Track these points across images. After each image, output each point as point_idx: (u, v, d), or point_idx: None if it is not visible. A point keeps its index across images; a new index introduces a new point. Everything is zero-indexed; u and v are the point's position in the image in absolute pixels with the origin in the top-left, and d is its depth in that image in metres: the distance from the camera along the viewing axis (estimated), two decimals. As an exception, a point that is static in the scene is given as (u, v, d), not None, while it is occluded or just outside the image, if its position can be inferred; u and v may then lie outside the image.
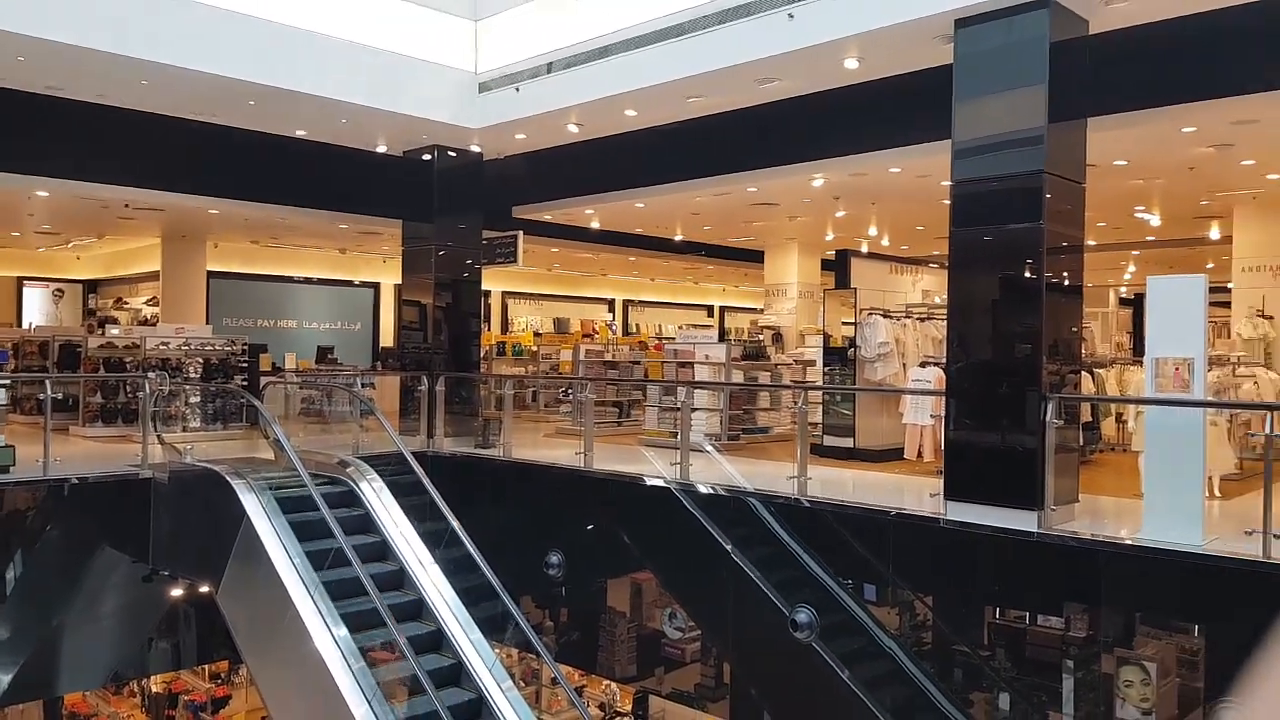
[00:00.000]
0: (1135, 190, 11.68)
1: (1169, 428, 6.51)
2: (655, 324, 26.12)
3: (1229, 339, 12.26)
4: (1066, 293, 7.24)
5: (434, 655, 7.35)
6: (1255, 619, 5.98)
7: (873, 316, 10.87)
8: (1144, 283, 6.91)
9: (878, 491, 8.82)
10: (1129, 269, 20.17)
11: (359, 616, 7.16)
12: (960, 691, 7.34)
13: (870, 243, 16.49)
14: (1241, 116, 8.12)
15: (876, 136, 9.22)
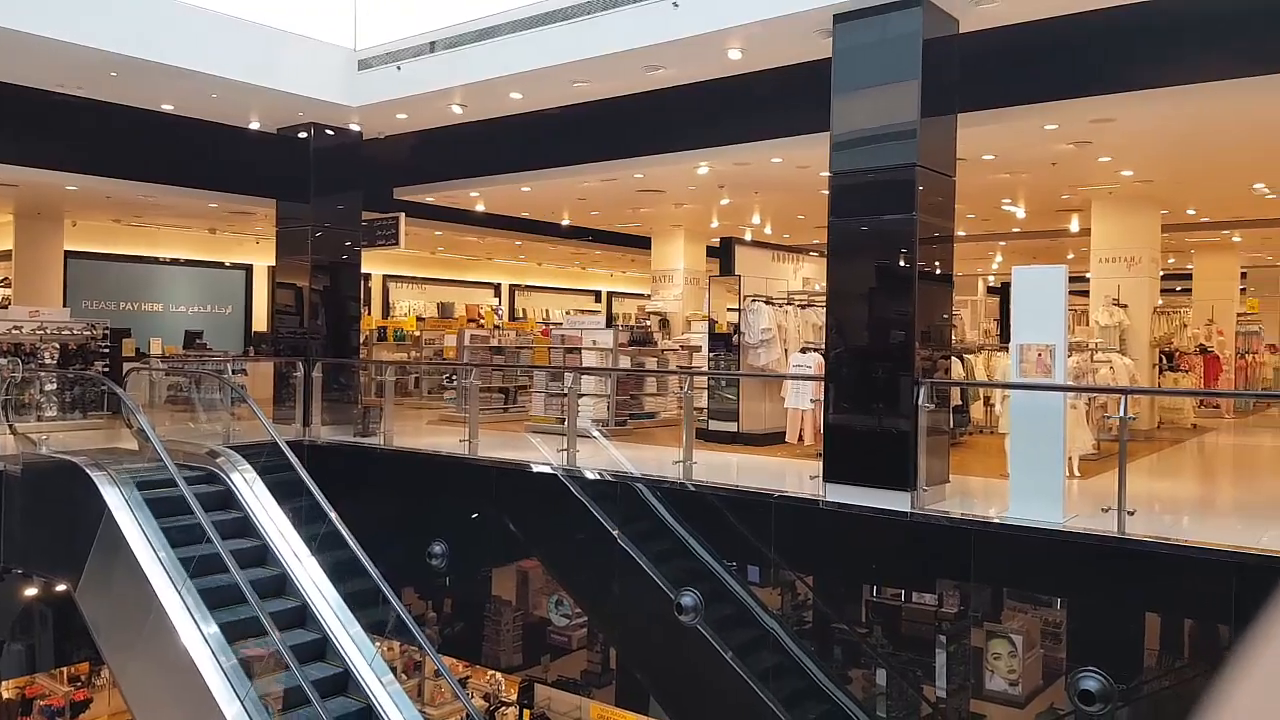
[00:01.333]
0: (1002, 184, 12.22)
1: (1032, 411, 6.84)
2: (543, 309, 25.93)
3: (1088, 326, 12.98)
4: (938, 281, 7.51)
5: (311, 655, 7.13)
6: (1111, 591, 6.38)
7: (756, 303, 11.05)
8: (1010, 272, 7.23)
9: (761, 475, 9.00)
10: (996, 259, 21.15)
11: (223, 601, 6.89)
12: (840, 668, 7.58)
13: (754, 231, 16.76)
14: (1099, 115, 8.56)
15: (759, 127, 9.36)
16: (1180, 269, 19.35)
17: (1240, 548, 6.07)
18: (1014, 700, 6.99)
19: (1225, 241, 17.17)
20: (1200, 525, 7.55)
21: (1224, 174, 11.45)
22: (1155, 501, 7.98)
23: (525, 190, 13.26)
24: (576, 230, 17.95)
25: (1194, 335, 14.82)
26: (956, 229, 8.39)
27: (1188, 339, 14.42)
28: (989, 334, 14.23)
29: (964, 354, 11.37)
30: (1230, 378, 15.67)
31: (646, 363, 13.08)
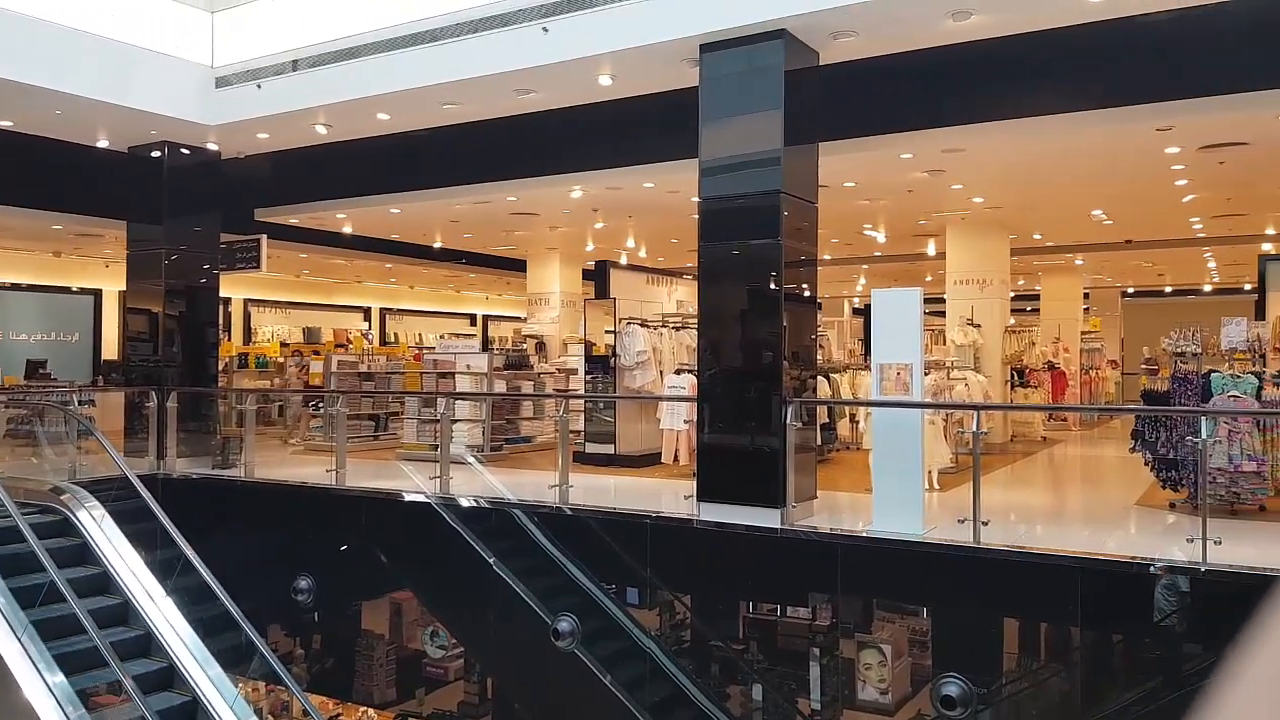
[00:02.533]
0: (863, 210, 12.73)
1: (893, 427, 7.12)
2: (415, 333, 25.41)
3: (944, 345, 13.61)
4: (804, 303, 7.74)
5: (167, 693, 6.73)
6: (969, 598, 6.67)
7: (631, 326, 11.13)
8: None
9: (637, 496, 9.04)
10: (860, 281, 22.00)
11: (76, 657, 6.43)
12: (718, 686, 7.65)
13: (629, 254, 16.92)
14: (950, 146, 9.04)
15: (630, 152, 9.48)
16: (1029, 290, 20.57)
17: (1086, 553, 6.46)
18: (884, 709, 7.20)
19: (1069, 264, 18.35)
20: (1050, 533, 8.00)
21: (1065, 201, 12.26)
22: (1009, 511, 8.40)
23: (395, 212, 13.00)
24: (449, 253, 17.71)
25: (1042, 353, 15.75)
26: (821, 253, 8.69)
27: (1037, 356, 15.31)
28: (854, 354, 14.73)
29: (830, 373, 11.73)
30: (1076, 392, 16.72)
31: (523, 386, 12.97)
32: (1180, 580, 5.75)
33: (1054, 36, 7.23)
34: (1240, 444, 7.47)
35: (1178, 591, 5.77)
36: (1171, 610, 5.82)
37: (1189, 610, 5.86)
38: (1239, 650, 0.72)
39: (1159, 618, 5.83)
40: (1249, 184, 10.86)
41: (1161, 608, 5.81)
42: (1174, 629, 5.96)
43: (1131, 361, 20.60)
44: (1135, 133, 8.47)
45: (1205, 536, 5.83)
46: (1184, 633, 5.97)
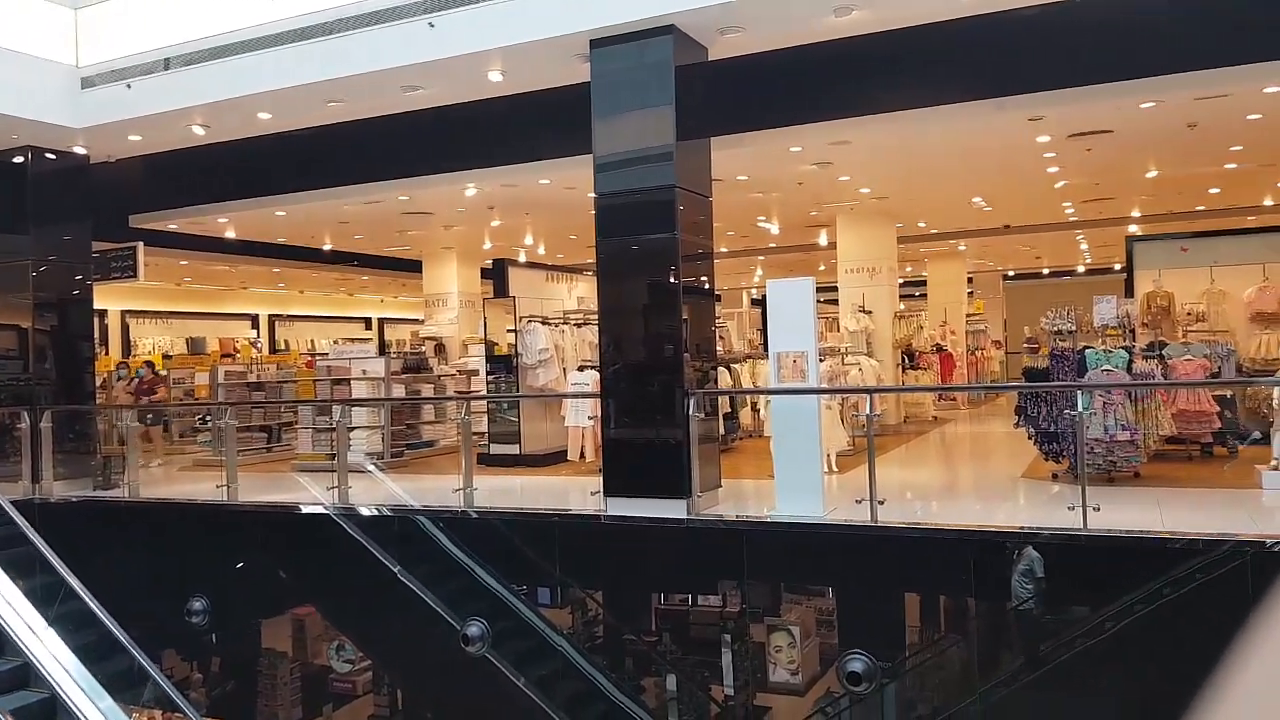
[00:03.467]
0: (756, 202, 12.94)
1: (792, 414, 7.28)
2: (307, 339, 24.67)
3: (839, 332, 13.97)
4: (702, 296, 7.83)
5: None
6: (870, 576, 6.87)
7: (532, 324, 11.06)
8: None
9: (544, 495, 8.99)
10: (757, 273, 22.36)
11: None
12: (633, 679, 7.69)
13: (528, 251, 16.79)
14: (836, 138, 9.25)
15: (524, 149, 9.39)
16: (916, 276, 21.26)
17: (977, 526, 6.74)
18: (795, 689, 7.36)
19: (953, 250, 19.06)
20: (943, 508, 8.31)
21: (947, 190, 12.72)
22: (905, 490, 8.70)
23: (280, 214, 12.59)
24: (340, 255, 17.24)
25: (930, 336, 16.32)
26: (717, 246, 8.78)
27: (925, 340, 15.85)
28: (754, 344, 14.98)
29: (731, 364, 11.91)
30: (963, 372, 17.40)
31: (423, 390, 12.74)
32: (1035, 561, 6.06)
33: (931, 31, 7.48)
34: (1114, 415, 7.91)
35: (1033, 575, 6.08)
36: (1028, 596, 6.13)
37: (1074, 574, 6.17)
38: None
39: (1016, 603, 6.12)
40: (1115, 169, 11.47)
41: (1019, 594, 6.12)
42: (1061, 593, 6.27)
43: (1014, 341, 21.56)
44: (1009, 123, 8.84)
45: (1085, 504, 6.14)
46: (1070, 596, 6.28)
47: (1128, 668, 5.91)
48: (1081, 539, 6.06)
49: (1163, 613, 5.70)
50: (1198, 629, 5.68)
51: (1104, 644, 5.89)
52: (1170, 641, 5.74)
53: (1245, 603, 5.46)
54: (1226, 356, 9.40)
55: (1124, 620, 5.83)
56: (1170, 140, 9.84)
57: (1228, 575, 5.51)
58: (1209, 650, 5.71)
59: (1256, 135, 9.67)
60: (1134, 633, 5.77)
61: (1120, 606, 5.87)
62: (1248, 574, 5.48)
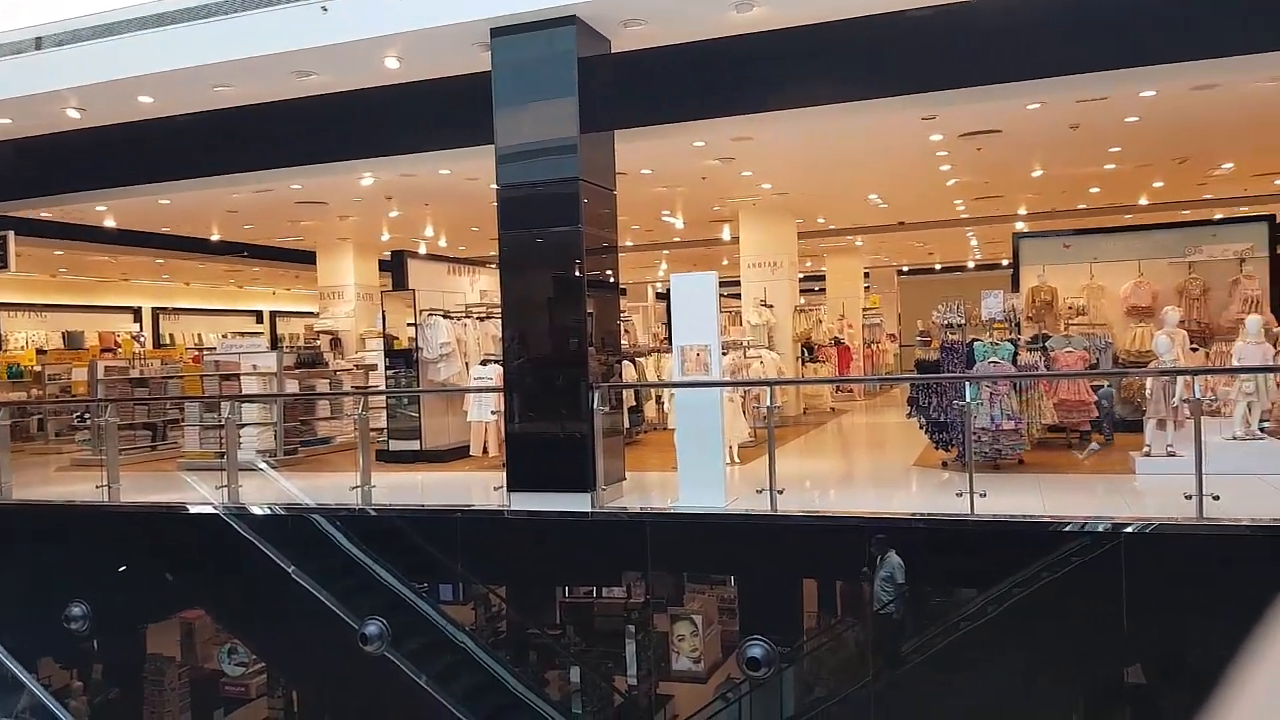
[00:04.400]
0: (661, 196, 13.02)
1: (695, 406, 7.34)
2: (193, 333, 23.72)
3: (741, 325, 14.17)
4: (607, 289, 7.82)
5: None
6: (770, 564, 6.99)
7: (433, 317, 10.87)
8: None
9: (446, 491, 8.86)
10: (662, 267, 22.51)
11: None
12: (536, 673, 7.65)
13: (428, 243, 16.50)
14: (739, 134, 9.38)
15: (423, 138, 9.21)
16: (816, 271, 21.74)
17: (872, 513, 6.93)
18: (697, 677, 7.45)
19: (850, 246, 19.56)
20: (840, 496, 8.53)
21: (845, 186, 13.03)
22: (804, 479, 8.88)
23: (164, 203, 12.05)
24: (229, 245, 16.62)
25: (829, 329, 16.69)
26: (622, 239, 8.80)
27: (824, 333, 16.20)
28: (658, 337, 15.08)
29: (636, 357, 11.95)
30: (860, 365, 17.88)
31: (317, 385, 12.39)
32: (897, 568, 6.30)
33: (829, 29, 7.63)
34: (1000, 405, 8.24)
35: (894, 581, 6.33)
36: (890, 599, 6.37)
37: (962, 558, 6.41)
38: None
39: (879, 607, 6.36)
40: (1003, 168, 11.95)
41: (882, 598, 6.35)
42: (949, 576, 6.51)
43: (908, 334, 22.28)
44: (904, 121, 9.11)
45: (972, 490, 6.38)
46: (959, 579, 6.52)
47: (1013, 646, 6.18)
48: (969, 524, 6.30)
49: (1045, 593, 5.97)
50: (1077, 608, 5.98)
51: (991, 624, 6.14)
52: (1052, 620, 6.02)
53: (1119, 582, 5.77)
54: (1104, 349, 9.89)
55: (1009, 601, 6.08)
56: (1054, 141, 10.30)
57: (1104, 556, 5.80)
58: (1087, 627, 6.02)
59: (1134, 137, 10.21)
60: (1018, 612, 6.03)
61: (1006, 588, 6.12)
62: (1121, 555, 5.78)
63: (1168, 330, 8.58)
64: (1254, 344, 8.28)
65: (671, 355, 7.70)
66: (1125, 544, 5.78)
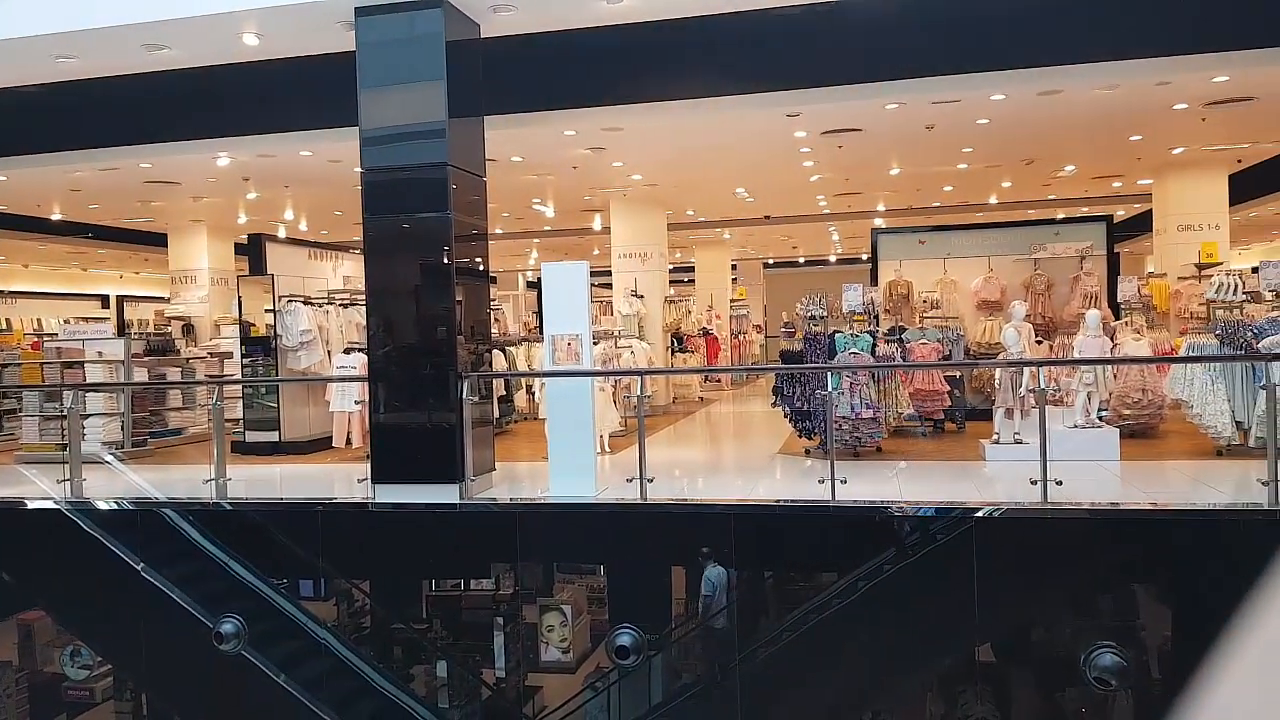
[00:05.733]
0: (531, 184, 12.92)
1: (566, 396, 7.34)
2: (33, 319, 22.15)
3: (612, 315, 14.23)
4: (476, 277, 7.71)
5: None
6: (640, 552, 7.07)
7: (293, 304, 10.48)
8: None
9: (307, 484, 8.59)
10: (533, 255, 22.35)
11: None
12: (401, 668, 7.51)
13: (288, 227, 15.88)
14: (610, 124, 9.39)
15: (284, 118, 8.85)
16: (685, 262, 22.05)
17: (738, 501, 7.11)
18: (566, 667, 7.48)
19: (718, 238, 19.92)
20: (708, 484, 8.70)
21: (713, 180, 13.24)
22: (673, 467, 9.02)
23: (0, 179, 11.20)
24: (72, 226, 15.57)
25: (698, 320, 16.99)
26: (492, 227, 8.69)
27: (693, 324, 16.48)
28: (529, 326, 14.99)
29: (506, 346, 11.85)
30: (727, 355, 18.25)
31: (168, 373, 11.76)
32: (719, 585, 6.59)
33: (699, 24, 7.74)
34: (860, 394, 8.57)
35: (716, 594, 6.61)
36: (716, 611, 6.60)
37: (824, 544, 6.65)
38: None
39: (705, 620, 6.60)
40: (863, 166, 12.40)
41: (706, 609, 6.60)
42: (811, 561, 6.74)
43: (773, 325, 22.86)
44: (769, 117, 9.32)
45: (834, 477, 6.62)
46: (820, 564, 6.76)
47: (872, 628, 6.45)
48: (830, 510, 6.53)
49: (901, 576, 6.25)
50: (931, 590, 6.30)
51: (851, 607, 6.39)
52: (908, 602, 6.31)
53: (970, 564, 6.09)
54: (956, 341, 10.40)
55: (868, 585, 6.35)
56: (911, 140, 10.75)
57: (956, 540, 6.12)
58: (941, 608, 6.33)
59: (985, 138, 10.77)
60: (877, 596, 6.29)
61: (865, 572, 6.38)
62: (972, 538, 6.10)
63: (1015, 323, 9.10)
64: (1093, 337, 8.87)
65: (542, 344, 7.67)
66: (976, 528, 6.10)
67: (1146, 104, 9.32)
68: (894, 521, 6.36)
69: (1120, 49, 7.35)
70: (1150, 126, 10.42)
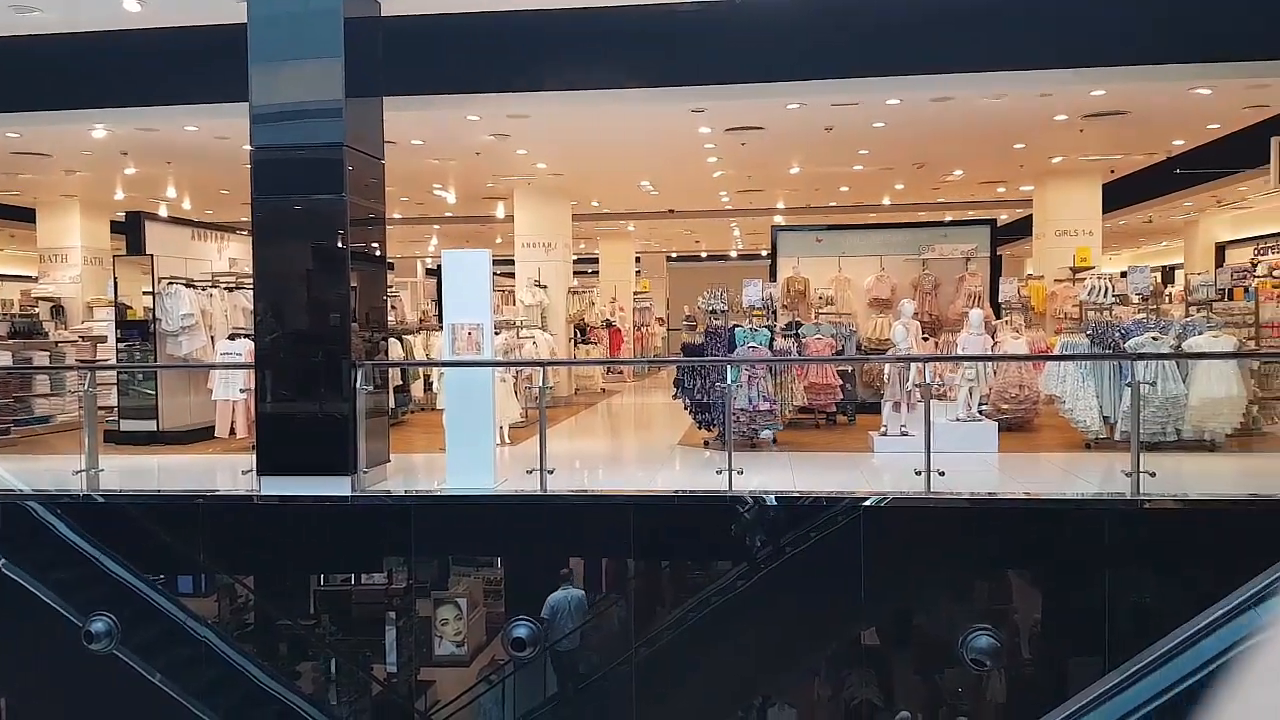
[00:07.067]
0: (432, 169, 12.65)
1: (466, 386, 7.21)
2: (-119, 297, 20.55)
3: (514, 305, 14.06)
4: (373, 263, 7.50)
5: None
6: (539, 544, 7.02)
7: (175, 286, 9.98)
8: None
9: (187, 476, 8.22)
10: (433, 242, 21.93)
11: None
12: (288, 666, 7.26)
13: (170, 205, 15.14)
14: (514, 111, 9.26)
15: (167, 90, 8.43)
16: (589, 254, 21.99)
17: (638, 492, 7.12)
18: (461, 660, 7.36)
19: (622, 230, 19.94)
20: (608, 475, 8.69)
21: (618, 172, 13.23)
22: (574, 459, 8.98)
23: None
24: (-72, 197, 14.50)
25: (601, 311, 16.96)
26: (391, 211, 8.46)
27: (596, 315, 16.45)
28: (427, 315, 14.68)
29: (403, 335, 11.58)
30: (630, 347, 18.30)
31: (35, 358, 11.07)
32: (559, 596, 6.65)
33: (607, 15, 7.72)
34: (758, 387, 8.70)
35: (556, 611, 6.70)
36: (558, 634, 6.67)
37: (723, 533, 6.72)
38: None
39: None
40: (765, 164, 12.58)
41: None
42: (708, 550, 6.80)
43: (675, 318, 23.05)
44: (675, 112, 9.36)
45: (731, 468, 6.70)
46: (716, 552, 6.83)
47: (765, 615, 6.56)
48: (727, 500, 6.60)
49: (793, 564, 6.37)
50: (821, 577, 6.44)
51: (745, 595, 6.48)
52: (799, 589, 6.44)
53: (858, 552, 6.26)
54: (849, 336, 10.67)
55: (761, 573, 6.45)
56: (811, 141, 10.97)
57: (845, 528, 6.27)
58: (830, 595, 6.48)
59: (880, 142, 11.06)
60: (769, 583, 6.40)
61: (758, 560, 6.49)
62: (860, 526, 6.27)
63: (904, 321, 9.38)
64: (976, 335, 9.22)
65: (441, 333, 7.52)
66: (864, 516, 6.27)
67: (1030, 114, 9.74)
68: (787, 511, 6.48)
69: (1007, 61, 7.65)
70: (1033, 136, 10.89)
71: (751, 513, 6.51)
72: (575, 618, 6.84)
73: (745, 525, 6.56)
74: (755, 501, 6.50)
